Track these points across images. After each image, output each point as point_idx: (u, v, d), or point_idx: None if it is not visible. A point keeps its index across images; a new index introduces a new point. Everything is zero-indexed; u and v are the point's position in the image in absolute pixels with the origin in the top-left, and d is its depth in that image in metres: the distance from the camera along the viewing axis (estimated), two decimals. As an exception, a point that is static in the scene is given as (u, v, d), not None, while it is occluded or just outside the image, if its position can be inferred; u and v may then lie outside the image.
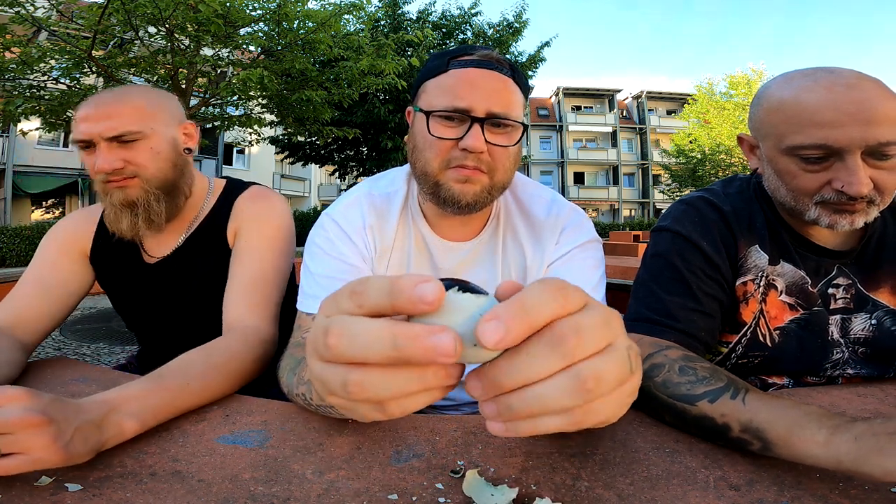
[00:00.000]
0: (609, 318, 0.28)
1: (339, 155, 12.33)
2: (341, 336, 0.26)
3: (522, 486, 0.45)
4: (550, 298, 0.26)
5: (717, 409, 0.54)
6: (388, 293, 0.25)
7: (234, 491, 0.45)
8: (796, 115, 0.66)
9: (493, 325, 0.24)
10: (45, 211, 17.24)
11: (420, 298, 0.24)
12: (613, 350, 0.27)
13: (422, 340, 0.24)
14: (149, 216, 0.90)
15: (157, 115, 0.91)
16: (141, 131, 0.88)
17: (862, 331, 0.76)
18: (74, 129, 0.87)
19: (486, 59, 0.71)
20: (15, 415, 0.43)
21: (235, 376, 0.71)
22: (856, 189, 0.63)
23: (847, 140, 0.63)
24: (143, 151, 0.88)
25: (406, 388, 0.26)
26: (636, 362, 0.29)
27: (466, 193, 0.70)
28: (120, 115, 0.86)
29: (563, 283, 0.27)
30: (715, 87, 20.87)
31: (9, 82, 6.10)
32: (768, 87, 0.73)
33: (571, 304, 0.26)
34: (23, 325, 0.85)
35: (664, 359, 0.63)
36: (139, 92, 0.92)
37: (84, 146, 0.87)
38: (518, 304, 0.25)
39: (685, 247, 0.77)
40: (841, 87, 0.63)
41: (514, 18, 11.55)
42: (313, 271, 0.77)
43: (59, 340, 3.88)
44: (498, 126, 0.70)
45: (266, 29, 6.49)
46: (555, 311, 0.26)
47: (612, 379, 0.26)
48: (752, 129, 0.76)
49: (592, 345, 0.26)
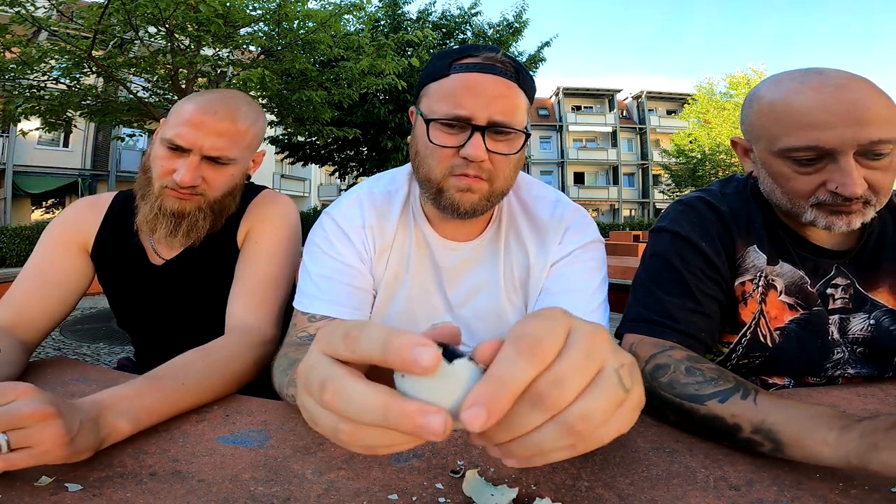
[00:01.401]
0: (592, 348, 0.28)
1: (339, 155, 12.32)
2: (336, 395, 0.27)
3: (522, 486, 0.45)
4: (525, 363, 0.26)
5: (727, 410, 0.54)
6: (382, 348, 0.26)
7: (234, 491, 0.45)
8: (787, 118, 0.66)
9: (475, 411, 0.25)
10: (45, 211, 17.26)
11: (415, 362, 0.25)
12: (601, 379, 0.28)
13: (413, 419, 0.25)
14: (189, 231, 0.89)
15: (252, 144, 0.91)
16: (234, 159, 0.87)
17: (860, 331, 0.76)
18: (173, 127, 0.83)
19: (490, 63, 0.69)
20: (30, 408, 0.43)
21: (235, 376, 0.71)
22: (850, 190, 0.63)
23: (839, 141, 0.62)
24: (224, 176, 0.88)
25: (394, 442, 0.27)
26: (632, 378, 0.29)
27: (465, 201, 0.70)
28: (231, 136, 0.84)
29: (534, 340, 0.27)
30: (715, 87, 20.87)
31: (9, 82, 6.10)
32: (758, 90, 0.73)
33: (549, 355, 0.27)
34: (23, 324, 0.84)
35: (669, 359, 0.63)
36: (248, 112, 0.89)
37: (172, 147, 0.83)
38: (496, 382, 0.26)
39: (684, 247, 0.77)
40: (830, 87, 0.63)
41: (514, 18, 11.54)
42: (310, 270, 0.77)
43: (59, 340, 3.88)
44: (499, 134, 0.69)
45: (266, 29, 6.49)
46: (531, 375, 0.26)
47: (600, 413, 0.27)
48: (745, 132, 0.76)
49: (574, 389, 0.27)
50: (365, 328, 0.27)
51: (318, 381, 0.28)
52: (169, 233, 0.88)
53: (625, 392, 0.28)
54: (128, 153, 17.58)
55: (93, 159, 17.21)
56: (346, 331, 0.28)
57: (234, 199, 0.94)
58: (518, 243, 0.81)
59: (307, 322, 0.74)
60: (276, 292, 0.90)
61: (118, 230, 0.95)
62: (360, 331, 0.27)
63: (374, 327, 0.27)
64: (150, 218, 0.87)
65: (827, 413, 0.48)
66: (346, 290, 0.76)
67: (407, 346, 0.25)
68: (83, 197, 1.02)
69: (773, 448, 0.49)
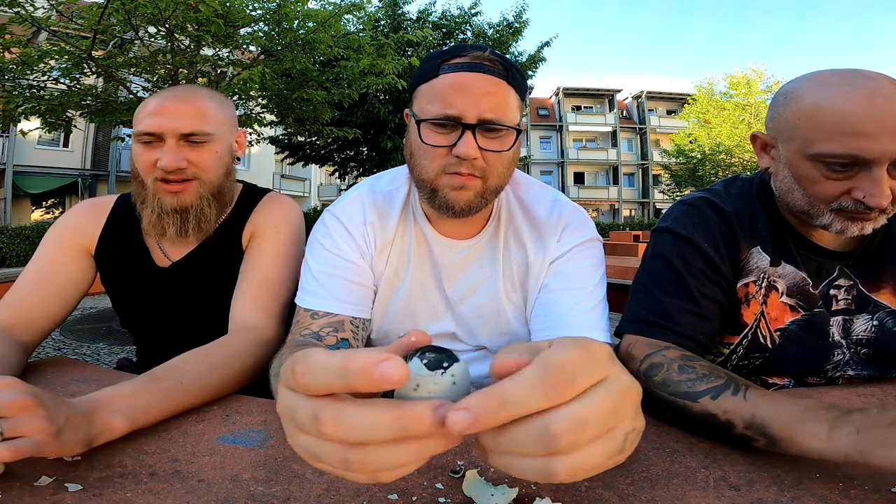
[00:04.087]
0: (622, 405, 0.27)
1: (339, 155, 12.32)
2: (338, 424, 0.26)
3: (522, 486, 0.45)
4: (542, 395, 0.25)
5: (719, 406, 0.54)
6: (340, 375, 0.25)
7: (234, 491, 0.45)
8: (832, 123, 0.63)
9: (462, 415, 0.24)
10: (45, 211, 17.26)
11: (384, 378, 0.24)
12: (610, 436, 0.27)
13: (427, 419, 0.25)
14: (199, 223, 0.89)
15: (224, 120, 0.91)
16: (211, 133, 0.87)
17: (864, 332, 0.76)
18: (140, 121, 0.85)
19: (477, 62, 0.69)
20: (8, 397, 0.44)
21: (234, 376, 0.71)
22: (877, 201, 0.62)
23: (880, 152, 0.61)
24: (208, 154, 0.88)
25: (408, 459, 0.27)
26: (634, 442, 0.29)
27: (460, 199, 0.71)
28: (193, 113, 0.86)
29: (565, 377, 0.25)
30: (715, 87, 20.85)
31: (9, 82, 6.09)
32: (797, 89, 0.69)
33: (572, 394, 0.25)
34: (23, 325, 0.84)
35: (662, 358, 0.64)
36: (208, 93, 0.92)
37: (147, 141, 0.85)
38: (497, 399, 0.25)
39: (686, 248, 0.76)
40: (883, 97, 0.61)
41: (514, 18, 11.54)
42: (312, 267, 0.78)
43: (59, 340, 3.88)
44: (490, 131, 0.69)
45: (266, 29, 6.48)
46: (542, 406, 0.25)
47: (588, 467, 0.26)
48: (773, 129, 0.74)
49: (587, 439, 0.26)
50: (308, 360, 0.27)
51: (310, 417, 0.27)
52: (178, 231, 0.88)
53: (619, 452, 0.28)
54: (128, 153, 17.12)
55: (93, 159, 17.21)
56: (291, 368, 0.27)
57: (231, 182, 0.95)
58: (517, 242, 0.82)
59: (310, 319, 0.74)
60: (280, 294, 0.90)
61: (121, 233, 0.95)
62: (306, 365, 0.26)
63: (319, 357, 0.26)
64: (155, 220, 0.87)
65: (816, 406, 0.48)
66: (347, 287, 0.77)
67: (370, 366, 0.24)
68: (85, 199, 1.02)
69: (767, 443, 0.49)
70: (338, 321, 0.74)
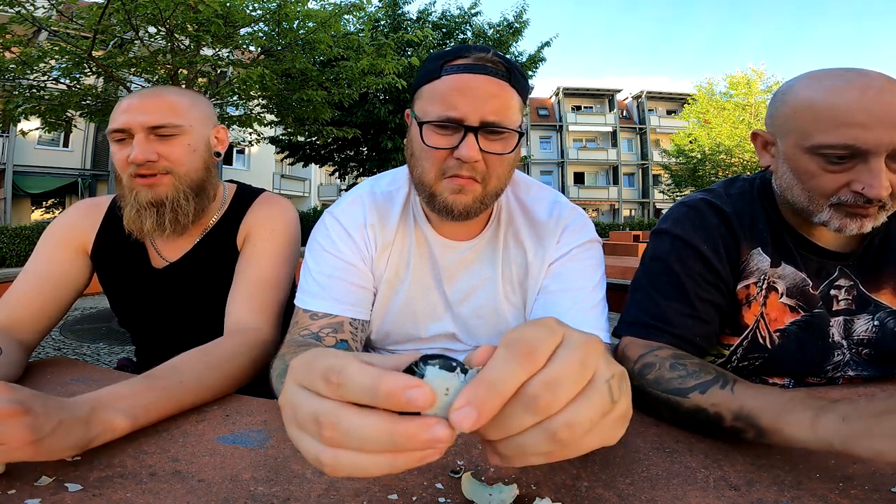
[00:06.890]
0: (586, 356, 0.28)
1: (339, 155, 12.33)
2: (336, 430, 0.27)
3: (522, 486, 0.45)
4: (517, 366, 0.27)
5: (708, 400, 0.55)
6: (372, 394, 0.26)
7: (234, 491, 0.45)
8: (826, 114, 0.65)
9: (465, 412, 0.26)
10: (45, 211, 17.26)
11: (410, 404, 0.26)
12: (592, 388, 0.28)
13: (420, 437, 0.26)
14: (176, 216, 0.89)
15: (195, 113, 0.92)
16: (180, 126, 0.88)
17: (865, 332, 0.76)
18: (113, 120, 0.86)
19: (480, 63, 0.68)
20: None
21: (233, 375, 0.71)
22: (876, 192, 0.63)
23: (875, 142, 0.62)
24: (179, 147, 0.88)
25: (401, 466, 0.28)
26: (620, 389, 0.30)
27: (459, 203, 0.70)
28: (160, 107, 0.86)
29: (527, 345, 0.28)
30: (715, 87, 20.87)
31: (9, 82, 6.09)
32: (794, 86, 0.71)
33: (541, 359, 0.28)
34: (22, 325, 0.84)
35: (655, 358, 0.64)
36: (179, 90, 0.93)
37: (119, 138, 0.86)
38: (485, 383, 0.26)
39: (685, 251, 0.76)
40: (874, 90, 0.63)
41: (514, 18, 11.55)
42: (312, 268, 0.78)
43: (59, 340, 3.88)
44: (493, 134, 0.69)
45: (266, 29, 6.48)
46: (522, 377, 0.27)
47: (586, 422, 0.28)
48: (771, 125, 0.75)
49: (566, 393, 0.28)
50: (345, 370, 0.27)
51: (311, 418, 0.28)
52: (155, 223, 0.88)
53: (612, 402, 0.29)
54: (128, 153, 17.56)
55: (93, 159, 17.21)
56: (324, 373, 0.28)
57: (210, 178, 0.95)
58: (516, 243, 0.82)
59: (309, 320, 0.75)
60: (275, 294, 0.90)
61: (118, 233, 0.95)
62: (342, 374, 0.27)
63: (354, 368, 0.27)
64: (133, 215, 0.88)
65: (801, 395, 0.49)
66: (347, 288, 0.77)
67: (399, 391, 0.26)
68: (83, 199, 1.02)
69: (756, 434, 0.50)
70: (337, 322, 0.74)
